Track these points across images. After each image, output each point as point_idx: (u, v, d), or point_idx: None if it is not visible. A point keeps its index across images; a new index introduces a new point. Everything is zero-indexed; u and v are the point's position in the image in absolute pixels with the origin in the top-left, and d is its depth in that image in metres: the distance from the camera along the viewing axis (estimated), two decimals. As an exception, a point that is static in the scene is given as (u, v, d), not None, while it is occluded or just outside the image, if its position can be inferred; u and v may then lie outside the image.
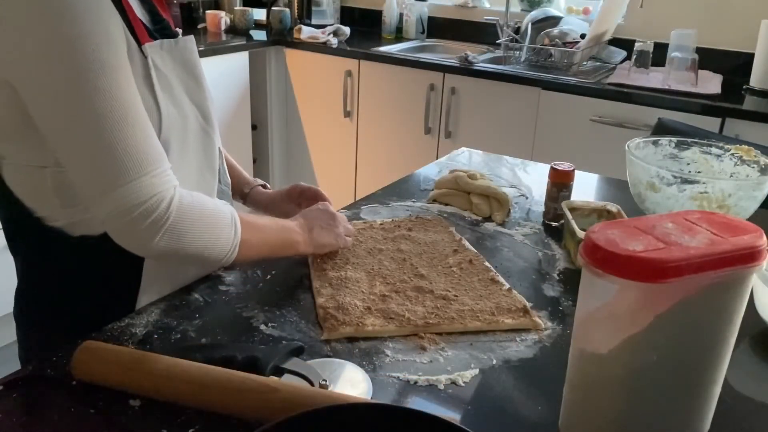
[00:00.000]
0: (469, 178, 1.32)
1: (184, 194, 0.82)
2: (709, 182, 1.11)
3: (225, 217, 0.86)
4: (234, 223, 0.87)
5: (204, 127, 0.97)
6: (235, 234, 0.86)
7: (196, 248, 0.83)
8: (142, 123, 0.79)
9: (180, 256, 0.82)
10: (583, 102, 2.39)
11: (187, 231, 0.81)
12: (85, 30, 0.74)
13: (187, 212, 0.81)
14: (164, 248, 0.80)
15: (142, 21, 0.89)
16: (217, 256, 0.85)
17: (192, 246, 0.82)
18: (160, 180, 0.79)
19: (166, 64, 0.89)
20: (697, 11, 2.65)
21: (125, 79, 0.78)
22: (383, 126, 2.91)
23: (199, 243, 0.82)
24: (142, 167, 0.77)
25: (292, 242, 0.97)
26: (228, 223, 0.86)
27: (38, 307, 0.96)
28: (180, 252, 0.82)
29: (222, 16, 3.17)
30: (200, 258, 0.85)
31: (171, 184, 0.81)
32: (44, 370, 0.78)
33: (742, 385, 0.83)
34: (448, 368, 0.82)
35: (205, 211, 0.84)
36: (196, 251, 0.83)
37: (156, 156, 0.80)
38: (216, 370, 0.72)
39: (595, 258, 0.60)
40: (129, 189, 0.76)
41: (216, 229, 0.84)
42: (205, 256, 0.84)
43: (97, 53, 0.75)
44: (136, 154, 0.77)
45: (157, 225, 0.78)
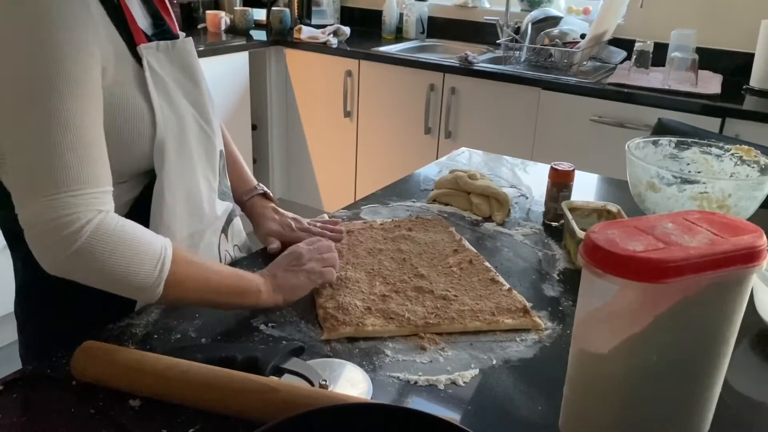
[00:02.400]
0: (469, 178, 1.32)
1: (109, 221, 0.77)
2: (709, 182, 1.11)
3: (152, 250, 0.79)
4: (162, 258, 0.79)
5: (204, 128, 0.97)
6: (159, 269, 0.79)
7: (108, 276, 0.77)
8: (87, 142, 0.76)
9: (91, 280, 0.78)
10: (583, 102, 2.39)
11: (98, 257, 0.75)
12: (59, 40, 0.74)
13: (104, 238, 0.76)
14: (71, 268, 0.76)
15: (142, 25, 0.89)
16: (135, 288, 0.79)
17: (103, 273, 0.76)
18: (83, 200, 0.75)
19: (163, 65, 0.89)
20: (697, 11, 2.65)
21: (86, 95, 0.76)
22: (383, 126, 2.91)
23: (112, 272, 0.76)
24: (67, 185, 0.74)
25: (250, 290, 0.89)
26: (154, 257, 0.79)
27: (38, 307, 0.96)
28: (90, 275, 0.77)
29: (222, 16, 3.17)
30: (116, 287, 0.79)
31: (94, 207, 0.76)
32: (44, 370, 0.78)
33: (742, 385, 0.83)
34: (448, 368, 0.82)
35: (126, 241, 0.77)
36: (109, 280, 0.77)
37: (90, 176, 0.76)
38: (216, 370, 0.72)
39: (595, 258, 0.60)
40: (45, 202, 0.74)
41: (135, 261, 0.77)
42: (120, 286, 0.78)
43: (64, 66, 0.74)
44: (65, 171, 0.74)
45: (65, 244, 0.74)
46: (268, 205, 1.17)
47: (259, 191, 1.18)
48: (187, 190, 0.95)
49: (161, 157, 0.88)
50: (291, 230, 1.12)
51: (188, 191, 0.95)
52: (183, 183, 0.93)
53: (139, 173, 0.91)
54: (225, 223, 1.08)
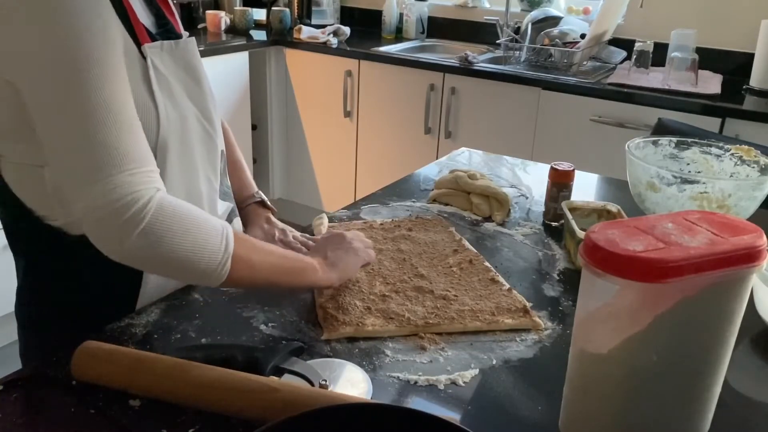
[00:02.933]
0: (469, 178, 1.32)
1: (167, 198, 0.77)
2: (709, 182, 1.11)
3: (214, 227, 0.80)
4: (225, 235, 0.80)
5: (206, 128, 0.97)
6: (225, 246, 0.79)
7: (176, 255, 0.76)
8: (128, 122, 0.77)
9: (159, 262, 0.77)
10: (583, 102, 2.39)
11: (165, 235, 0.75)
12: (82, 25, 0.74)
13: (167, 215, 0.75)
14: (139, 251, 0.75)
15: (145, 23, 0.89)
16: (203, 267, 0.78)
17: (172, 252, 0.76)
18: (139, 179, 0.75)
19: (166, 65, 0.89)
20: (697, 11, 2.65)
21: (116, 77, 0.77)
22: (383, 126, 2.91)
23: (180, 250, 0.76)
24: (121, 165, 0.74)
25: (307, 268, 0.89)
26: (218, 233, 0.79)
27: (39, 307, 0.96)
28: (158, 258, 0.76)
29: (222, 16, 3.17)
30: (183, 268, 0.78)
31: (152, 185, 0.76)
32: (44, 370, 0.78)
33: (742, 385, 0.83)
34: (448, 368, 0.82)
35: (189, 217, 0.78)
36: (177, 259, 0.77)
37: (139, 156, 0.77)
38: (216, 370, 0.72)
39: (595, 258, 0.60)
40: (105, 185, 0.73)
41: (201, 238, 0.77)
42: (188, 266, 0.77)
43: (90, 49, 0.74)
44: (116, 152, 0.74)
45: (131, 224, 0.73)
46: (263, 213, 1.15)
47: (256, 199, 1.16)
48: (188, 189, 0.95)
49: (163, 157, 0.88)
50: (272, 240, 1.08)
51: (189, 190, 0.95)
52: (184, 182, 0.93)
53: None
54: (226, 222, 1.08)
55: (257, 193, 1.17)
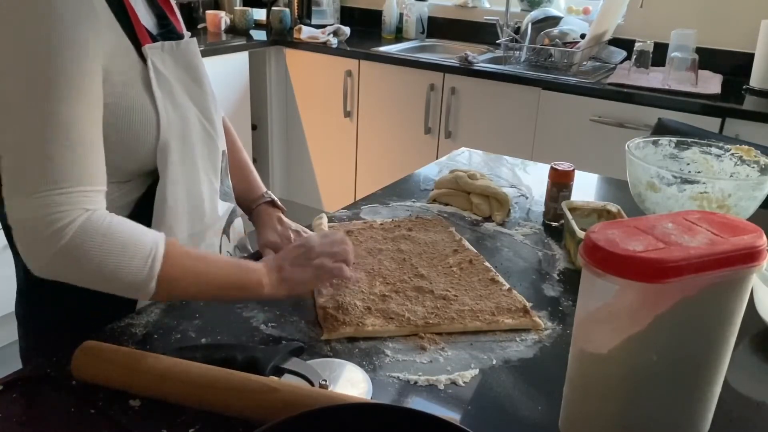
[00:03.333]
0: (469, 178, 1.32)
1: (96, 219, 0.76)
2: (709, 182, 1.11)
3: (141, 246, 0.78)
4: (152, 255, 0.78)
5: (207, 128, 0.97)
6: (150, 265, 0.77)
7: (97, 275, 0.76)
8: (78, 140, 0.75)
9: (80, 280, 0.78)
10: (583, 102, 2.39)
11: (84, 254, 0.74)
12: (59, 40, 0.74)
13: (90, 235, 0.75)
14: (58, 269, 0.76)
15: (147, 24, 0.89)
16: (127, 285, 0.77)
17: (91, 272, 0.76)
18: (70, 199, 0.74)
19: (167, 65, 0.89)
20: (697, 11, 2.65)
21: (81, 94, 0.76)
22: (383, 126, 2.91)
23: (100, 270, 0.75)
24: (55, 182, 0.74)
25: (250, 283, 0.86)
26: (144, 252, 0.77)
27: (39, 307, 0.96)
28: (78, 276, 0.77)
29: (222, 16, 3.17)
30: (106, 285, 0.78)
31: (82, 206, 0.75)
32: (44, 370, 0.78)
33: (742, 385, 0.83)
34: (448, 368, 0.82)
35: (114, 237, 0.76)
36: (98, 278, 0.77)
37: (78, 175, 0.75)
38: (216, 370, 0.72)
39: (595, 258, 0.60)
40: (34, 200, 0.73)
41: (124, 257, 0.76)
42: (110, 284, 0.78)
43: (61, 61, 0.74)
44: (54, 168, 0.74)
45: (51, 242, 0.73)
46: (275, 214, 1.14)
47: (266, 199, 1.15)
48: (189, 190, 0.95)
49: (164, 158, 0.88)
50: (289, 243, 1.07)
51: (190, 191, 0.95)
52: (185, 183, 0.93)
53: (143, 173, 0.91)
54: (226, 223, 1.08)
55: (266, 193, 1.16)
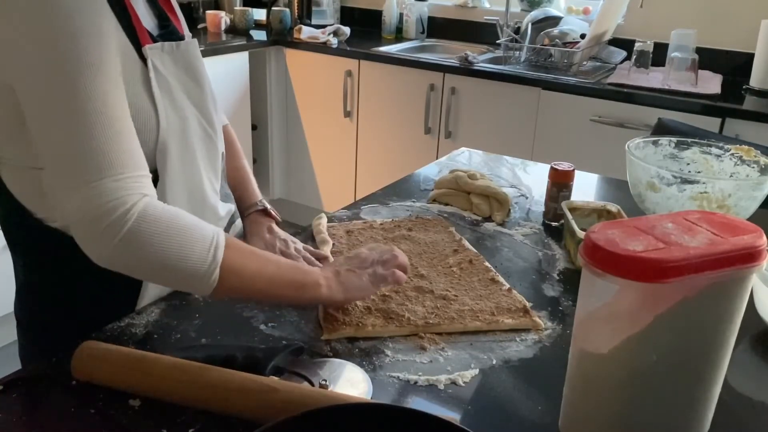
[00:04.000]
0: (469, 178, 1.32)
1: (153, 204, 0.76)
2: (709, 182, 1.11)
3: (203, 234, 0.77)
4: (215, 242, 0.77)
5: (206, 129, 0.97)
6: (213, 254, 0.76)
7: (160, 263, 0.75)
8: (118, 126, 0.76)
9: (143, 269, 0.77)
10: (583, 102, 2.39)
11: (147, 241, 0.73)
12: (75, 28, 0.74)
13: (152, 221, 0.74)
14: (122, 258, 0.75)
15: (148, 25, 0.89)
16: (190, 276, 0.76)
17: (155, 259, 0.74)
18: (124, 185, 0.74)
19: (167, 66, 0.89)
20: (697, 11, 2.65)
21: (110, 81, 0.77)
22: (383, 126, 2.91)
23: (164, 257, 0.74)
24: (107, 170, 0.74)
25: (309, 283, 0.85)
26: (206, 240, 0.77)
27: (38, 307, 0.96)
28: (142, 265, 0.75)
29: (222, 16, 3.17)
30: (169, 275, 0.77)
31: (138, 191, 0.75)
32: (44, 370, 0.78)
33: (742, 385, 0.83)
34: (448, 368, 0.82)
35: (176, 223, 0.76)
36: (161, 266, 0.75)
37: (126, 161, 0.76)
38: (216, 370, 0.72)
39: (595, 258, 0.60)
40: (89, 190, 0.73)
41: (187, 246, 0.75)
42: (173, 274, 0.76)
43: (83, 53, 0.74)
44: (102, 157, 0.74)
45: (113, 230, 0.72)
46: (265, 222, 1.12)
47: (259, 207, 1.13)
48: (190, 191, 0.95)
49: (164, 158, 0.88)
50: (273, 252, 1.04)
51: (190, 192, 0.95)
52: (185, 184, 0.93)
53: None
54: (228, 224, 1.08)
55: (260, 201, 1.14)
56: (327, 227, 1.17)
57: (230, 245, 0.79)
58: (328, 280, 0.86)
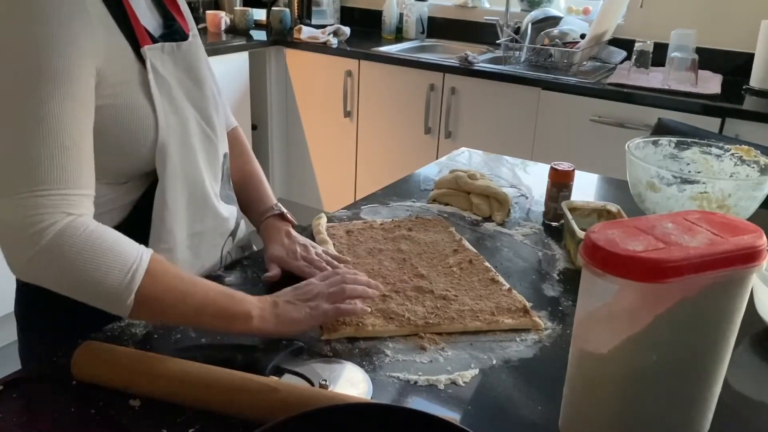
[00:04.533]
0: (469, 178, 1.32)
1: (79, 225, 0.74)
2: (709, 182, 1.11)
3: (124, 257, 0.75)
4: (135, 266, 0.75)
5: (206, 131, 0.97)
6: (129, 279, 0.74)
7: (73, 282, 0.74)
8: (65, 142, 0.74)
9: (57, 286, 0.75)
10: (583, 102, 2.39)
11: (61, 259, 0.72)
12: (46, 36, 0.73)
13: (69, 240, 0.72)
14: (36, 271, 0.74)
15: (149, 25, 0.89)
16: (104, 297, 0.75)
17: (68, 278, 0.73)
18: (51, 201, 0.72)
19: (167, 67, 0.89)
20: (697, 11, 2.65)
21: (71, 94, 0.75)
22: (383, 126, 2.91)
23: (78, 277, 0.73)
24: (37, 184, 0.72)
25: (238, 313, 0.81)
26: (125, 263, 0.74)
27: (38, 308, 0.96)
28: (55, 281, 0.75)
29: (222, 16, 3.17)
30: (83, 294, 0.75)
31: (62, 209, 0.73)
32: (44, 370, 0.78)
33: (742, 385, 0.83)
34: (448, 368, 0.82)
35: (95, 245, 0.74)
36: (75, 286, 0.74)
37: (62, 178, 0.73)
38: (216, 370, 0.72)
39: (595, 258, 0.60)
40: (15, 200, 0.72)
41: (103, 266, 0.73)
42: (87, 293, 0.75)
43: (47, 62, 0.73)
44: (37, 170, 0.72)
45: (28, 244, 0.71)
46: (282, 227, 1.08)
47: (275, 212, 1.10)
48: (190, 192, 0.94)
49: (163, 159, 0.88)
50: (295, 258, 1.02)
51: (191, 194, 0.95)
52: (185, 185, 0.93)
53: (141, 175, 0.90)
54: (235, 225, 1.07)
55: (276, 205, 1.11)
56: (327, 227, 1.17)
57: (154, 270, 0.76)
58: (263, 311, 0.82)
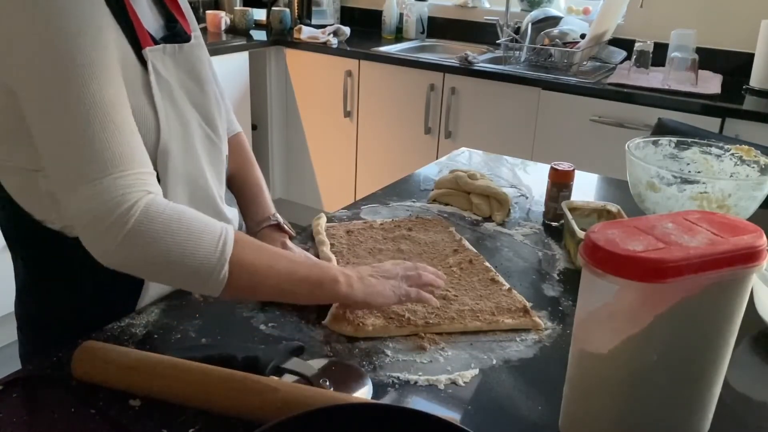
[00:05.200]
0: (469, 178, 1.32)
1: (158, 201, 0.75)
2: (709, 182, 1.11)
3: (210, 230, 0.75)
4: (223, 238, 0.75)
5: (208, 134, 0.97)
6: (221, 249, 0.75)
7: (166, 260, 0.73)
8: (120, 123, 0.75)
9: (149, 268, 0.75)
10: (583, 102, 2.39)
11: (151, 238, 0.72)
12: (74, 28, 0.74)
13: (154, 218, 0.73)
14: (127, 256, 0.73)
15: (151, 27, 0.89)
16: (197, 273, 0.74)
17: (160, 257, 0.73)
18: (127, 182, 0.73)
19: (168, 69, 0.89)
20: (697, 11, 2.65)
21: (109, 78, 0.76)
22: (383, 126, 2.91)
23: (169, 254, 0.73)
24: (109, 167, 0.73)
25: (326, 279, 0.81)
26: (213, 235, 0.75)
27: (38, 308, 0.96)
28: (148, 263, 0.74)
29: (222, 16, 3.17)
30: (176, 273, 0.75)
31: (140, 188, 0.74)
32: (44, 370, 0.78)
33: (742, 385, 0.83)
34: (448, 368, 0.82)
35: (181, 219, 0.74)
36: (167, 264, 0.74)
37: (129, 158, 0.75)
38: (216, 370, 0.72)
39: (595, 258, 0.60)
40: (91, 188, 0.72)
41: (193, 241, 0.73)
42: (180, 271, 0.74)
43: (82, 52, 0.74)
44: (104, 154, 0.73)
45: (116, 228, 0.71)
46: (279, 238, 1.05)
47: (272, 222, 1.07)
48: (192, 194, 0.94)
49: (165, 161, 0.88)
50: None
51: (192, 195, 0.94)
52: (187, 187, 0.93)
53: None
54: (238, 228, 1.07)
55: (274, 215, 1.09)
56: (327, 227, 1.17)
57: (240, 240, 0.77)
58: (349, 278, 0.83)
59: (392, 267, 0.90)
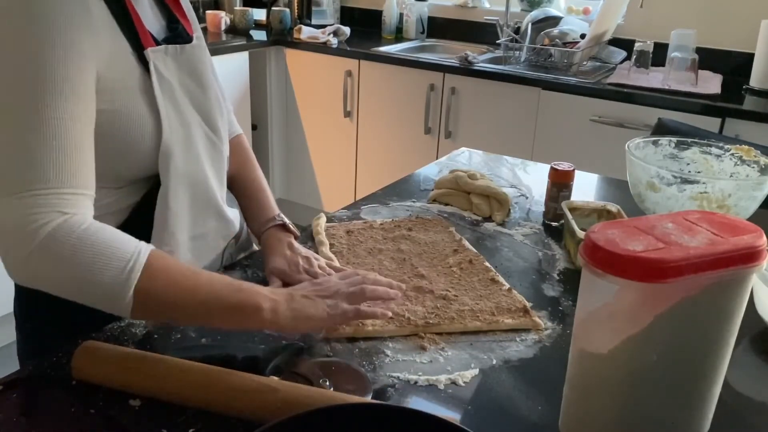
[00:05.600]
0: (469, 178, 1.32)
1: (74, 223, 0.72)
2: (709, 182, 1.11)
3: (121, 252, 0.73)
4: (131, 263, 0.72)
5: (209, 135, 0.96)
6: (126, 275, 0.72)
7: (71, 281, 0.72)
8: (63, 143, 0.73)
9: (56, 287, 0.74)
10: (583, 102, 2.39)
11: (56, 258, 0.71)
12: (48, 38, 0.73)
13: (63, 239, 0.71)
14: (33, 275, 0.73)
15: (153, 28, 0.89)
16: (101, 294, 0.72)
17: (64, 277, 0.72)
18: (46, 201, 0.71)
19: (170, 69, 0.89)
20: (697, 11, 2.65)
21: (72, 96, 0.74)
22: (383, 126, 2.91)
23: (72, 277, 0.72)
24: (32, 183, 0.71)
25: (247, 306, 0.76)
26: (123, 258, 0.72)
27: (38, 307, 0.96)
28: (54, 282, 0.73)
29: (222, 16, 3.17)
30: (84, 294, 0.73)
31: (58, 209, 0.72)
32: (44, 370, 0.78)
33: (742, 385, 0.83)
34: (448, 368, 0.82)
35: (90, 242, 0.72)
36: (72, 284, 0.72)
37: (58, 178, 0.72)
38: (216, 370, 0.72)
39: (595, 258, 0.60)
40: (12, 201, 0.71)
41: (99, 262, 0.71)
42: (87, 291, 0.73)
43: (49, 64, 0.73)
44: (33, 170, 0.71)
45: (23, 244, 0.70)
46: (284, 239, 1.03)
47: (277, 222, 1.05)
48: (193, 195, 0.94)
49: (166, 163, 0.87)
50: (297, 271, 0.97)
51: (194, 196, 0.94)
52: (188, 188, 0.93)
53: (139, 179, 0.90)
54: (239, 229, 1.07)
55: (278, 216, 1.07)
56: (327, 227, 1.17)
57: (153, 266, 0.74)
58: (275, 304, 0.78)
59: (336, 282, 0.86)
